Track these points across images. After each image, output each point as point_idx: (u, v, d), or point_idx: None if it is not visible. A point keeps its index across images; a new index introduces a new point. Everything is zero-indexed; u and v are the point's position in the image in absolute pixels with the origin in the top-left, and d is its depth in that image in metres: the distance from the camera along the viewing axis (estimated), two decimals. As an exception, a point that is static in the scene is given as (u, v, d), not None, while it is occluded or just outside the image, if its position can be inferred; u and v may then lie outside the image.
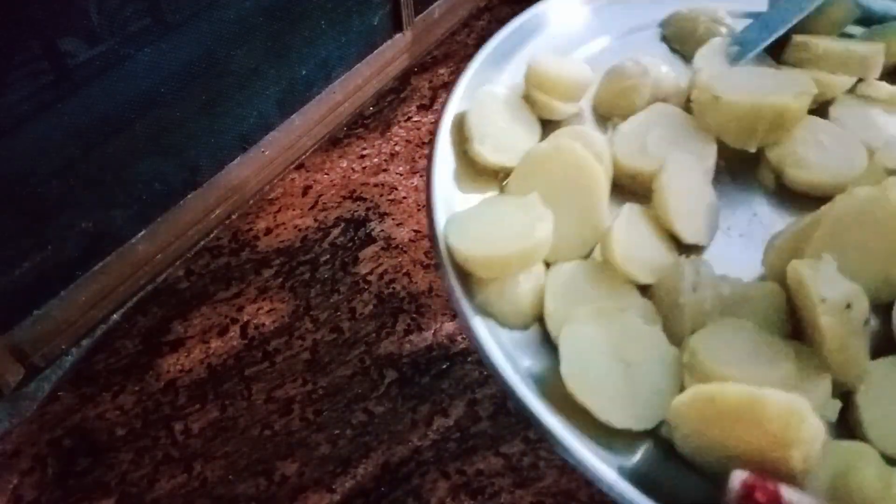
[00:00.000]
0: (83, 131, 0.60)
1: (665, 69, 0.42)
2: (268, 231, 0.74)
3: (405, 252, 0.71)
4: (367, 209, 0.76)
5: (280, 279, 0.69)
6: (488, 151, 0.38)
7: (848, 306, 0.32)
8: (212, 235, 0.74)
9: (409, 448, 0.55)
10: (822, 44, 0.43)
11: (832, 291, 0.32)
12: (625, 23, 0.48)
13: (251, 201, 0.77)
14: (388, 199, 0.77)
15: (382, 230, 0.73)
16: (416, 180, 0.79)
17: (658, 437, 0.33)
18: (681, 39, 0.47)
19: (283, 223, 0.75)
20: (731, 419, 0.29)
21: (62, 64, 0.59)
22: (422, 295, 0.67)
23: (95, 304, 0.65)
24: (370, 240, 0.72)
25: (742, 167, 0.40)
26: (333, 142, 0.85)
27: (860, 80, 0.43)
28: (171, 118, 0.68)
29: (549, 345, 0.35)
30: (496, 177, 0.39)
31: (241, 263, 0.71)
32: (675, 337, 0.34)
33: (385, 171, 0.80)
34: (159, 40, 0.64)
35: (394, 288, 0.68)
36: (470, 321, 0.35)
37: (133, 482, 0.55)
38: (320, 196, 0.78)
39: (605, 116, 0.42)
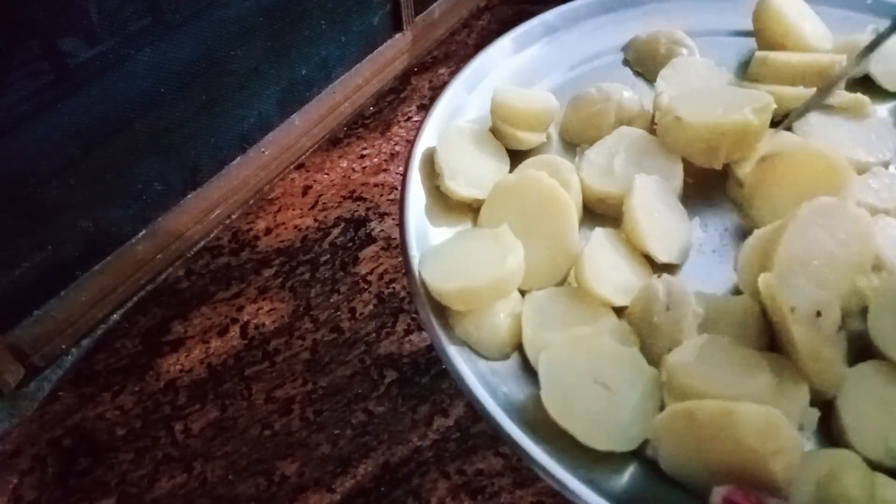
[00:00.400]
0: (83, 131, 0.60)
1: (628, 94, 0.43)
2: (268, 231, 0.74)
3: (405, 252, 0.71)
4: (367, 209, 0.76)
5: (280, 279, 0.69)
6: (459, 186, 0.39)
7: (818, 314, 0.32)
8: (212, 235, 0.74)
9: (409, 448, 0.55)
10: (782, 58, 0.43)
11: (802, 300, 0.32)
12: (587, 50, 0.49)
13: (251, 201, 0.77)
14: (388, 199, 0.77)
15: (382, 230, 0.73)
16: (416, 180, 0.79)
17: (643, 457, 0.33)
18: (642, 63, 0.48)
19: (283, 223, 0.75)
20: (711, 434, 0.29)
21: (62, 64, 0.58)
22: (422, 295, 0.67)
23: (95, 304, 0.65)
24: (370, 240, 0.72)
25: (710, 184, 0.40)
26: (333, 142, 0.85)
27: (823, 90, 0.44)
28: (171, 118, 0.68)
29: (529, 372, 0.35)
30: (469, 209, 0.39)
31: (241, 263, 0.71)
32: (653, 357, 0.34)
33: (385, 171, 0.80)
34: (159, 40, 0.64)
35: (394, 288, 0.68)
36: (449, 353, 0.35)
37: (133, 482, 0.55)
38: (320, 196, 0.78)
39: (573, 143, 0.43)
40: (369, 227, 0.74)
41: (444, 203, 0.40)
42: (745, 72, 0.46)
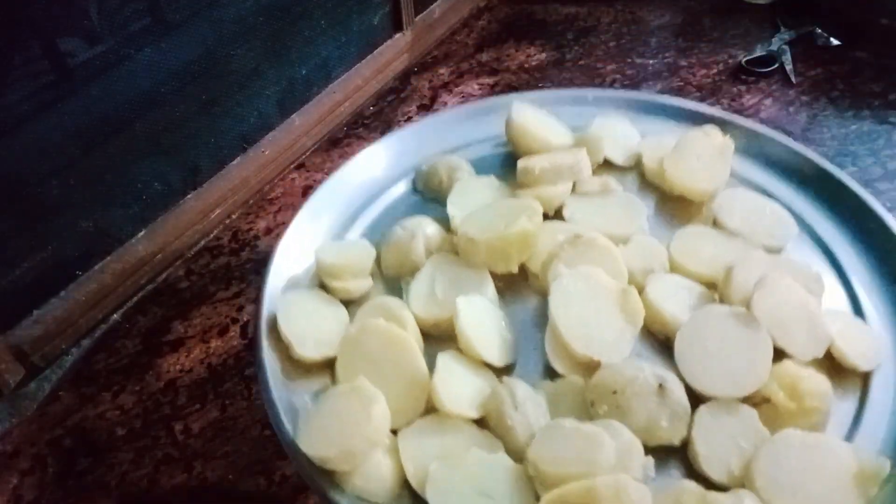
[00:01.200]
0: (83, 131, 0.60)
1: (429, 228, 0.47)
2: (268, 231, 0.74)
3: (405, 252, 0.71)
4: (367, 209, 0.76)
5: (280, 279, 0.69)
6: (310, 350, 0.42)
7: (614, 392, 0.39)
8: (212, 235, 0.74)
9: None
10: (539, 165, 0.50)
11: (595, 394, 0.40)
12: (383, 185, 0.54)
13: (251, 201, 0.77)
14: (388, 199, 0.77)
15: (382, 230, 0.73)
16: (416, 180, 0.79)
17: None
18: (431, 190, 0.53)
19: (284, 223, 0.75)
20: None
21: (62, 64, 0.59)
22: (422, 295, 0.67)
23: (95, 304, 0.65)
24: (370, 240, 0.72)
25: (519, 282, 0.46)
26: (333, 142, 0.85)
27: (575, 183, 0.51)
28: (171, 118, 0.68)
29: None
30: (325, 365, 0.42)
31: (241, 263, 0.71)
32: (517, 454, 0.37)
33: (385, 170, 0.80)
34: (159, 40, 0.64)
35: (394, 288, 0.68)
36: None
37: (133, 482, 0.55)
38: (320, 196, 0.78)
39: (396, 278, 0.46)
40: (369, 227, 0.74)
41: (300, 365, 0.42)
42: (516, 179, 0.52)
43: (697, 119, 0.55)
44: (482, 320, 0.43)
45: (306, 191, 0.78)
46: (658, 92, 0.87)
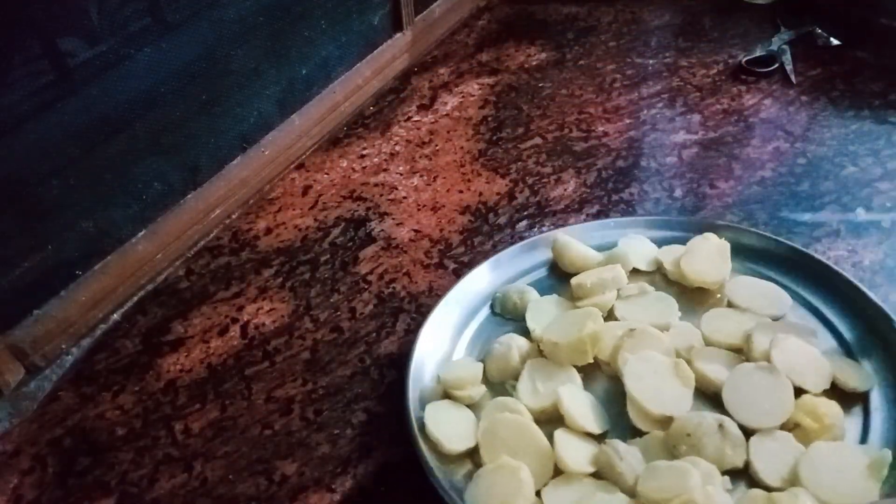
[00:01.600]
0: (83, 131, 0.60)
1: (520, 341, 0.61)
2: (268, 231, 0.74)
3: (405, 252, 0.71)
4: (368, 209, 0.76)
5: (280, 279, 0.69)
6: (456, 444, 0.54)
7: (688, 435, 0.52)
8: (212, 235, 0.74)
9: (409, 448, 0.55)
10: (589, 280, 0.64)
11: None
12: (470, 313, 0.65)
13: (251, 201, 0.77)
14: (388, 199, 0.77)
15: (382, 230, 0.73)
16: (416, 180, 0.79)
17: None
18: (508, 311, 0.65)
19: (283, 223, 0.75)
20: None
21: (62, 64, 0.59)
22: (422, 295, 0.67)
23: (95, 304, 0.65)
24: (370, 239, 0.72)
25: (593, 369, 0.59)
26: (333, 141, 0.85)
27: (619, 290, 0.65)
28: (171, 118, 0.68)
29: None
30: (466, 453, 0.54)
31: (241, 263, 0.71)
32: (629, 492, 0.50)
33: (385, 170, 0.80)
34: (159, 40, 0.64)
35: (394, 288, 0.68)
36: None
37: (133, 482, 0.55)
38: (320, 196, 0.78)
39: (501, 382, 0.60)
40: (369, 226, 0.74)
41: (447, 455, 0.54)
42: (571, 293, 0.65)
43: (695, 228, 0.69)
44: (578, 402, 0.56)
45: (306, 191, 0.79)
46: (658, 92, 0.88)
